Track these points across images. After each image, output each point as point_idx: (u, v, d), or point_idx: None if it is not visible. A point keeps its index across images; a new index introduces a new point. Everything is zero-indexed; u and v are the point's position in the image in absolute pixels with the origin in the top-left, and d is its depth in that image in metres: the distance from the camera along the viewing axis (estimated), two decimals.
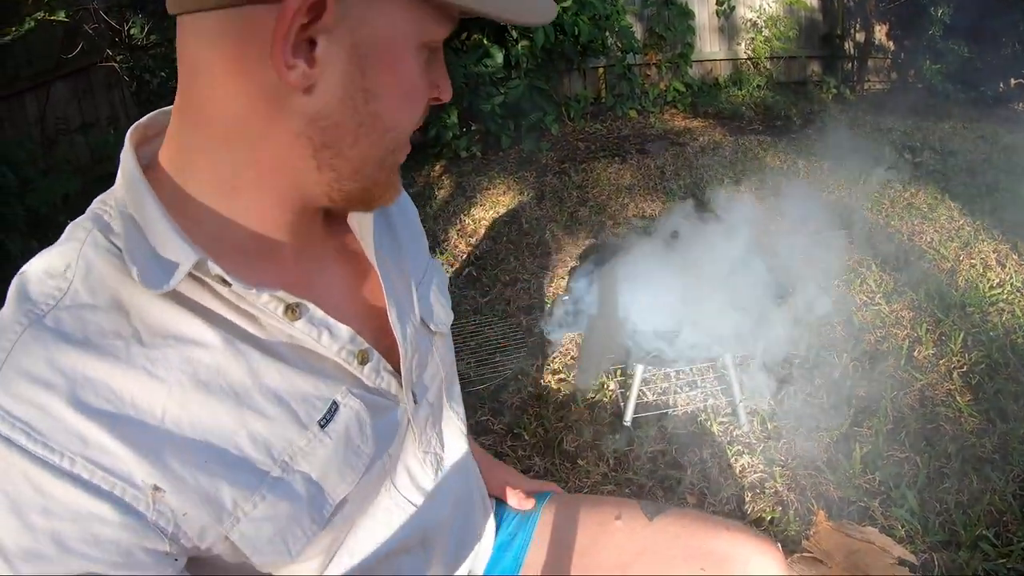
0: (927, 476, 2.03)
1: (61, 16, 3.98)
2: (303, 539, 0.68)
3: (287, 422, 0.67)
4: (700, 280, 2.26)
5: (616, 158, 5.03)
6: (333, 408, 0.71)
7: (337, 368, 0.73)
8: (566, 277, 3.47)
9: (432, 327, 0.92)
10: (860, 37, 6.93)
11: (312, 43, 0.60)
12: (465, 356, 2.86)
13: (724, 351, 2.24)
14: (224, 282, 0.63)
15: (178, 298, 0.63)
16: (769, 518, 1.96)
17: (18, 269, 0.64)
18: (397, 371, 0.80)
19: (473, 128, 5.15)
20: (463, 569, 1.02)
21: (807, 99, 6.52)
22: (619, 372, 2.57)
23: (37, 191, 3.05)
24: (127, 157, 0.67)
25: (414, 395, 0.84)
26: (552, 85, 5.43)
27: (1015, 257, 3.38)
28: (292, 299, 0.68)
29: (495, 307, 3.25)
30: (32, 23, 4.06)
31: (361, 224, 0.82)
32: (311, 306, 0.69)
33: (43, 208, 3.04)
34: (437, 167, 5.10)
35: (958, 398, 2.35)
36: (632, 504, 1.14)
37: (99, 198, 0.68)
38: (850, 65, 7.03)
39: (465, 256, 3.83)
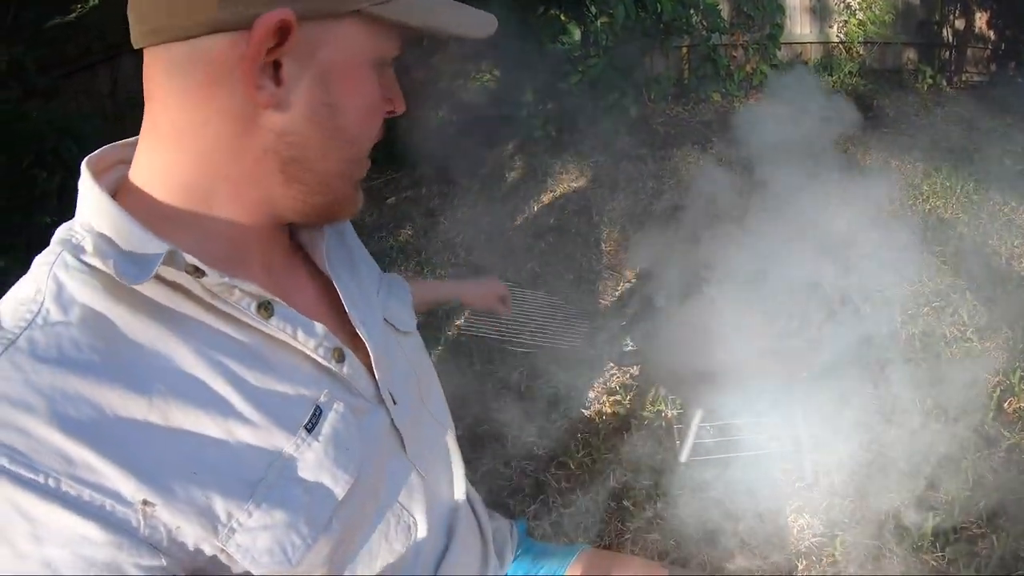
0: (1001, 558, 1.85)
1: None
2: (302, 546, 0.67)
3: (274, 428, 0.67)
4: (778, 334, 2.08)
5: (696, 146, 4.80)
6: (318, 412, 0.71)
7: (316, 369, 0.74)
8: (634, 282, 3.32)
9: (399, 327, 0.94)
10: (959, 24, 6.45)
11: (278, 64, 0.65)
12: (517, 365, 2.75)
13: (795, 402, 2.07)
14: (199, 271, 0.64)
15: (153, 309, 0.64)
16: None
17: None
18: (371, 372, 0.81)
19: (549, 107, 4.96)
20: None
21: (901, 88, 6.11)
22: (679, 402, 2.43)
23: None
24: (90, 184, 0.66)
25: (391, 395, 0.84)
26: (632, 64, 5.19)
27: None
28: (264, 295, 0.69)
29: (556, 313, 3.12)
30: None
31: (311, 239, 0.85)
32: (283, 303, 0.71)
33: None
34: (509, 146, 4.94)
35: None
36: (662, 573, 1.12)
37: (63, 227, 0.68)
38: (948, 54, 6.56)
39: (528, 248, 3.70)
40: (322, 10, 0.66)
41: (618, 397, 2.56)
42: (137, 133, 0.71)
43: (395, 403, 0.84)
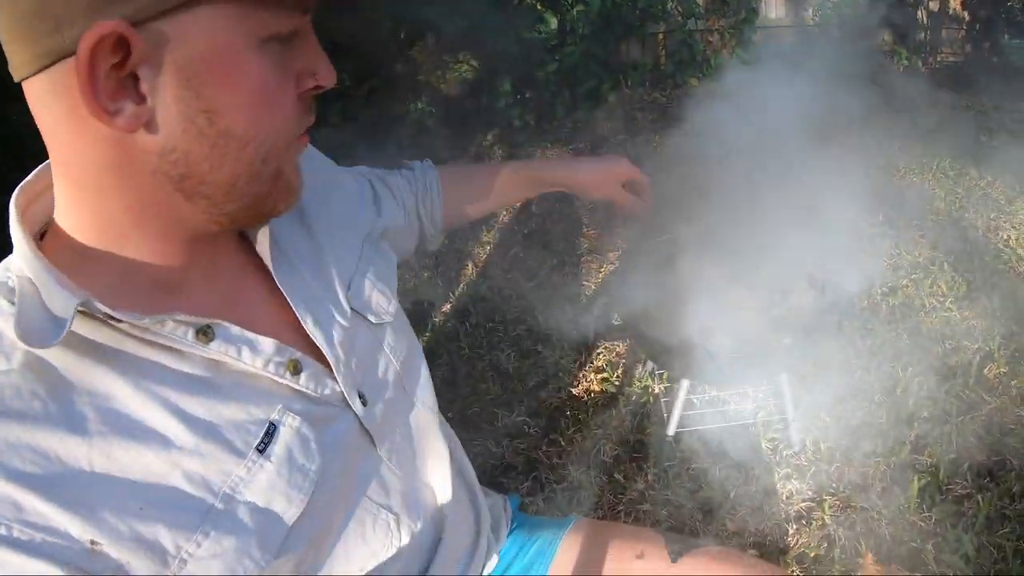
0: (987, 517, 1.89)
1: None
2: (256, 569, 0.66)
3: (222, 454, 0.66)
4: (756, 291, 2.11)
5: (675, 130, 4.81)
6: (271, 430, 0.69)
7: (272, 384, 0.72)
8: (617, 264, 3.34)
9: (372, 319, 0.90)
10: (934, 6, 6.51)
11: (136, 78, 0.59)
12: (505, 347, 2.76)
13: (779, 370, 2.10)
14: (113, 319, 0.62)
15: (91, 348, 0.63)
16: (813, 554, 1.84)
17: None
18: (334, 376, 0.78)
19: (527, 96, 4.97)
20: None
21: (878, 70, 6.17)
22: (665, 376, 2.46)
23: None
24: (14, 225, 0.65)
25: (362, 397, 0.82)
26: (609, 52, 5.20)
27: None
28: (199, 321, 0.67)
29: (541, 292, 3.13)
30: None
31: (258, 236, 0.80)
32: (224, 324, 0.69)
33: None
34: (489, 136, 4.94)
35: None
36: (657, 539, 1.09)
37: (1, 264, 0.67)
38: (923, 35, 6.62)
39: (512, 234, 3.71)
40: (161, 5, 0.57)
41: (606, 374, 2.57)
42: None
43: (365, 404, 0.82)
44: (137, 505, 0.61)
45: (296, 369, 0.73)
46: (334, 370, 0.78)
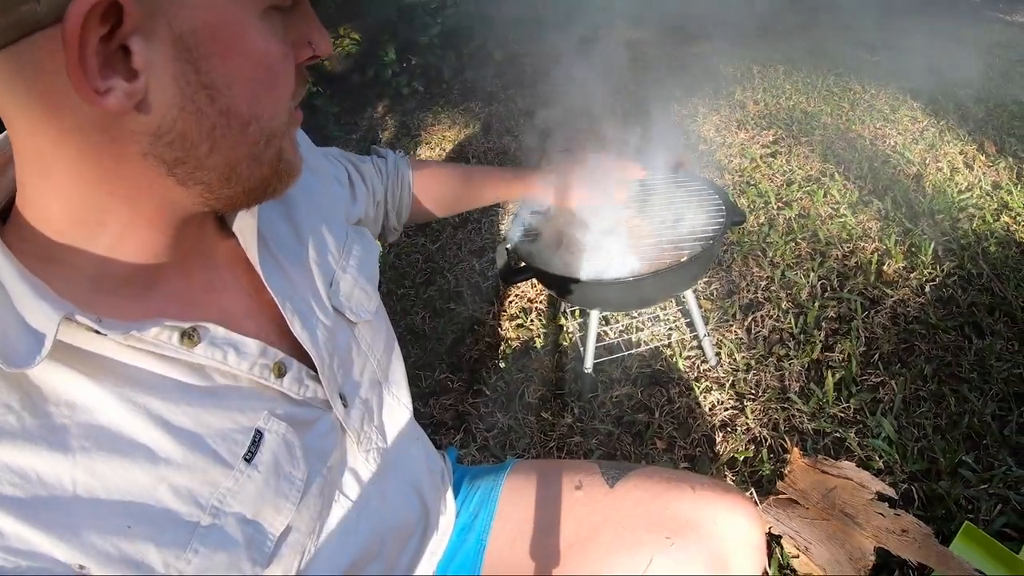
0: (903, 400, 1.93)
1: None
2: None
3: (209, 466, 0.62)
4: (648, 212, 2.10)
5: (563, 76, 4.80)
6: (257, 438, 0.66)
7: (256, 387, 0.68)
8: (516, 212, 3.30)
9: (351, 317, 0.86)
10: None
11: (127, 51, 0.51)
12: (419, 310, 2.71)
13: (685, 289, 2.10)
14: (97, 332, 0.56)
15: (70, 355, 0.56)
16: (743, 458, 1.86)
17: None
18: (317, 378, 0.75)
19: (413, 63, 4.89)
20: (427, 555, 0.99)
21: (764, 4, 6.29)
22: (577, 313, 2.44)
23: None
24: None
25: (343, 398, 0.80)
26: (491, 9, 5.16)
27: (983, 158, 3.26)
28: (184, 324, 0.61)
29: (446, 252, 3.08)
30: None
31: (244, 229, 0.74)
32: (209, 326, 0.64)
33: None
34: (380, 107, 4.84)
35: (931, 314, 2.25)
36: (593, 468, 1.10)
37: None
38: None
39: None
40: None
41: (520, 320, 2.55)
42: None
43: (345, 405, 0.79)
44: (125, 523, 0.56)
45: (280, 371, 0.70)
46: (319, 372, 0.75)
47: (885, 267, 2.50)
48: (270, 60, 0.58)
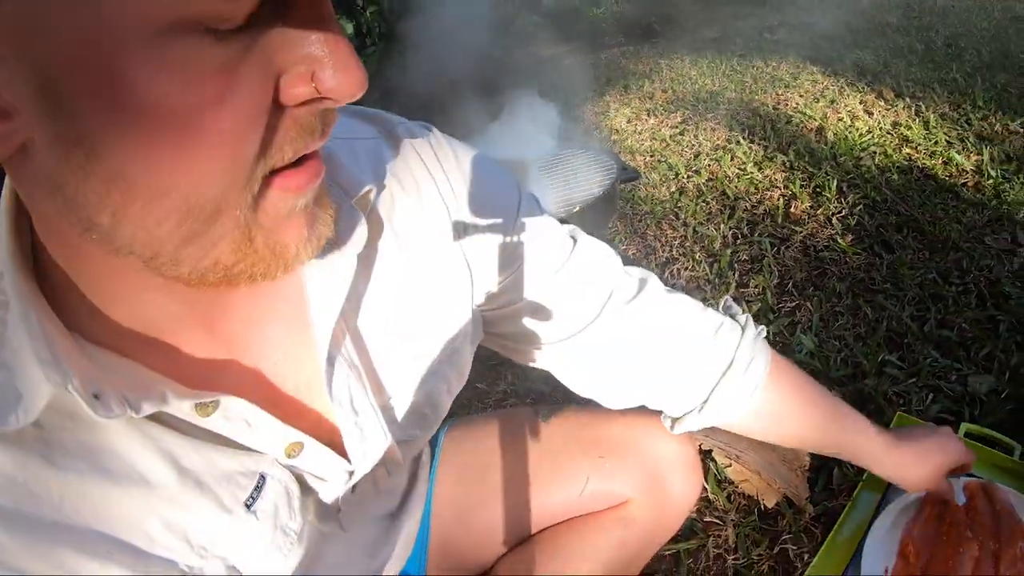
0: (820, 318, 1.93)
1: None
2: None
3: (209, 510, 0.57)
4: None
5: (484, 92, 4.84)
6: (261, 482, 0.60)
7: None
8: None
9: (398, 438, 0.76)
10: None
11: None
12: None
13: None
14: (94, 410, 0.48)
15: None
16: None
17: None
18: (343, 452, 0.66)
19: None
20: None
21: (668, 4, 6.42)
22: None
23: None
24: (2, 237, 0.49)
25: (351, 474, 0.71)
26: (413, 45, 5.20)
27: (882, 104, 3.33)
28: (197, 399, 0.53)
29: None
30: None
31: (322, 282, 0.61)
32: (223, 400, 0.55)
33: None
34: None
35: (840, 240, 2.26)
36: (527, 411, 1.13)
37: None
38: None
39: None
40: None
41: None
42: None
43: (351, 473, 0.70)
44: (106, 549, 0.52)
45: (294, 452, 0.62)
46: (351, 472, 0.68)
47: (792, 208, 2.52)
48: (175, 107, 0.38)
